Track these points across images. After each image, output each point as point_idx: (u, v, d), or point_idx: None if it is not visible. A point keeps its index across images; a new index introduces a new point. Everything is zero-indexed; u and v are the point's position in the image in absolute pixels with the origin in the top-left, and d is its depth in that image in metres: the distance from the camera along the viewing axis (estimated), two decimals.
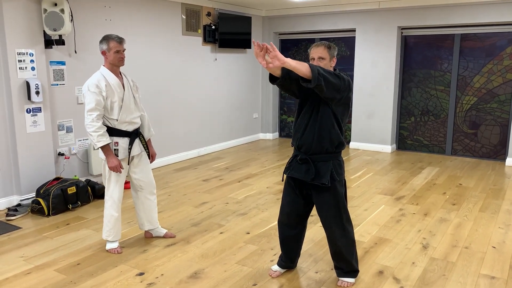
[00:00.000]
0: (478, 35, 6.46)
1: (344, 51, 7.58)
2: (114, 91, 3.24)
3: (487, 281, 3.00)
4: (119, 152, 3.30)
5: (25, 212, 4.28)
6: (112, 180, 3.34)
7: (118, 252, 3.42)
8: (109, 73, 3.26)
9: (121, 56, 3.25)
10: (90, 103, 3.15)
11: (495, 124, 6.51)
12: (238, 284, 2.95)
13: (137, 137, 3.42)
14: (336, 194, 2.74)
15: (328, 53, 2.70)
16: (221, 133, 7.35)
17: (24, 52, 4.35)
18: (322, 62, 2.69)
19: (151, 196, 3.58)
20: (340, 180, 2.76)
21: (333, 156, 2.74)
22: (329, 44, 2.74)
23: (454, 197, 4.80)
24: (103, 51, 3.24)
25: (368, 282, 2.98)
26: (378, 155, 6.94)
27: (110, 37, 3.22)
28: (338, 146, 2.73)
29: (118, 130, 3.30)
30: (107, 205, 3.40)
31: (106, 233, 3.44)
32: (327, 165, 2.71)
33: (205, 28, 6.67)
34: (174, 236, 3.71)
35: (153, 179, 3.58)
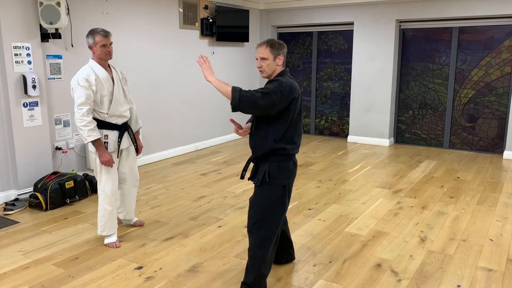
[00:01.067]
0: (476, 28, 6.45)
1: (342, 44, 7.56)
2: (103, 85, 3.23)
3: (484, 273, 3.01)
4: (109, 145, 3.30)
5: (23, 206, 4.27)
6: (104, 174, 3.33)
7: (117, 246, 3.42)
8: (98, 66, 3.23)
9: (108, 50, 3.22)
10: (80, 97, 3.12)
11: (492, 117, 6.52)
12: (236, 278, 2.95)
13: (126, 131, 3.43)
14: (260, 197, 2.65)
15: (271, 53, 2.58)
16: (219, 127, 7.33)
17: (20, 45, 4.32)
18: (264, 63, 2.59)
19: (133, 188, 3.65)
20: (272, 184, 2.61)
21: (271, 159, 2.61)
22: (273, 42, 2.59)
23: (451, 190, 4.81)
24: (90, 46, 3.22)
25: (366, 275, 2.99)
26: (376, 148, 6.94)
27: (96, 31, 3.19)
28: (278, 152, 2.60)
29: (108, 123, 3.29)
30: (100, 199, 3.39)
31: (101, 228, 3.43)
32: (264, 167, 2.63)
33: (203, 21, 6.64)
34: (142, 224, 3.83)
35: (137, 172, 3.65)
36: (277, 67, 2.64)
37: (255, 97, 2.43)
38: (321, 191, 4.80)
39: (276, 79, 2.59)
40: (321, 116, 7.97)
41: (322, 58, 7.78)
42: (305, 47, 7.92)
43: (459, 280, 2.92)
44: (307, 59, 7.93)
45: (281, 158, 2.63)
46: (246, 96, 2.43)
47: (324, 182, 5.14)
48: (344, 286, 2.84)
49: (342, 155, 6.51)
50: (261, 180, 2.62)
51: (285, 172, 2.64)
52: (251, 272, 2.67)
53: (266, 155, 2.63)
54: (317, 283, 2.88)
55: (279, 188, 2.64)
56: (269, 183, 2.61)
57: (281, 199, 2.66)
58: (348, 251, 3.35)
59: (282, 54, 2.62)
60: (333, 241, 3.53)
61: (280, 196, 2.65)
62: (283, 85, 2.51)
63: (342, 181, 5.19)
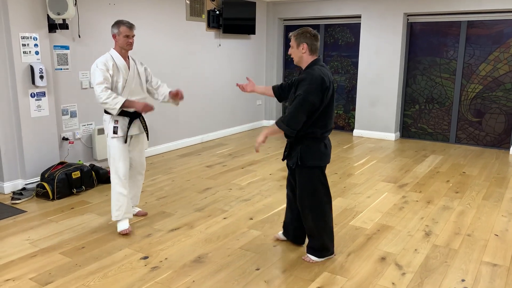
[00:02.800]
0: (485, 22, 6.39)
1: (349, 38, 7.52)
2: (119, 71, 3.38)
3: (489, 268, 3.01)
4: (118, 129, 3.41)
5: (30, 196, 4.31)
6: (116, 158, 3.43)
7: (129, 231, 3.50)
8: (117, 55, 3.40)
9: (130, 40, 3.39)
10: (98, 77, 3.27)
11: (500, 112, 6.48)
12: (241, 269, 2.97)
13: (137, 118, 3.51)
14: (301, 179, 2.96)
15: (295, 41, 2.89)
16: (225, 119, 7.34)
17: (28, 36, 4.34)
18: (291, 50, 2.93)
19: (139, 175, 3.74)
20: (306, 166, 2.90)
21: (302, 142, 2.90)
22: (297, 33, 2.90)
23: (457, 185, 4.80)
24: (113, 35, 3.38)
25: (371, 268, 3.00)
26: (381, 142, 6.93)
27: (121, 22, 3.37)
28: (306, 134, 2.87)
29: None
30: (114, 183, 3.47)
31: (116, 213, 3.49)
32: (296, 150, 2.93)
33: (209, 13, 6.62)
34: (145, 214, 3.88)
35: (144, 160, 3.74)
36: (303, 55, 2.89)
37: (295, 112, 2.76)
38: None
39: (305, 77, 2.80)
40: None
41: (329, 51, 7.75)
42: None
43: (463, 274, 2.93)
44: None
45: (311, 141, 2.89)
46: (289, 119, 2.78)
47: (329, 175, 5.14)
48: (348, 279, 2.86)
49: (347, 149, 6.50)
50: (295, 163, 2.92)
51: (316, 154, 2.91)
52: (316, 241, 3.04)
53: (299, 138, 2.90)
54: (322, 275, 2.89)
55: (315, 170, 2.93)
56: (303, 165, 2.90)
57: (318, 178, 2.96)
58: (353, 244, 3.36)
59: (305, 42, 2.85)
60: (338, 234, 3.54)
61: (318, 177, 2.95)
62: (313, 81, 2.76)
63: (347, 174, 5.18)
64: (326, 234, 3.05)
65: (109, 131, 3.41)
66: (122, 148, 3.44)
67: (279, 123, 2.83)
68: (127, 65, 3.43)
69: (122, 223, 3.52)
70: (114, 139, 3.42)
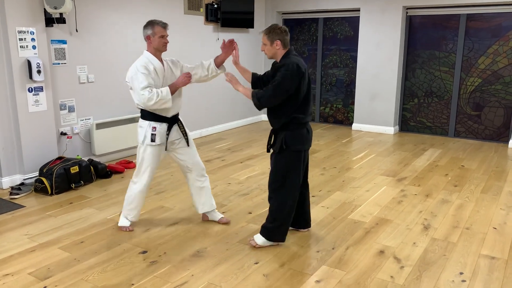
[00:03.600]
0: (484, 15, 6.36)
1: (348, 31, 7.49)
2: (158, 76, 3.22)
3: (487, 261, 3.02)
4: (156, 137, 3.24)
5: (28, 191, 4.31)
6: (144, 165, 3.30)
7: (129, 230, 3.45)
8: (153, 57, 3.23)
9: (165, 41, 3.24)
10: (143, 82, 3.09)
11: (499, 106, 6.47)
12: (240, 263, 2.98)
13: (175, 123, 3.36)
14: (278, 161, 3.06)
15: (268, 39, 3.02)
16: (224, 114, 7.33)
17: (24, 30, 4.31)
18: (265, 47, 3.05)
19: (201, 178, 3.51)
20: (289, 150, 3.01)
21: (286, 129, 3.01)
22: (269, 30, 3.03)
23: (456, 179, 4.80)
24: (147, 36, 3.22)
25: (369, 262, 3.00)
26: (380, 136, 6.92)
27: (155, 22, 3.22)
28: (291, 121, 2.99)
29: (156, 115, 3.25)
30: (134, 187, 3.38)
31: (127, 212, 3.45)
32: (280, 136, 3.03)
33: (207, 7, 6.59)
34: (228, 222, 3.61)
35: (200, 161, 3.51)
36: (277, 51, 3.03)
37: (269, 93, 2.91)
38: (325, 178, 4.81)
39: (282, 64, 2.95)
40: (326, 103, 7.94)
41: (328, 45, 7.72)
42: (311, 34, 7.85)
43: (462, 267, 2.93)
44: (312, 46, 7.87)
45: (295, 127, 3.02)
46: (262, 96, 2.94)
47: (328, 169, 5.14)
48: (346, 272, 2.86)
49: (346, 142, 6.50)
50: (279, 147, 3.01)
51: (299, 139, 3.03)
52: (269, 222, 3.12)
53: (282, 126, 3.02)
54: (320, 269, 2.90)
55: (294, 154, 3.03)
56: (286, 149, 3.00)
57: (295, 164, 3.05)
58: (351, 238, 3.36)
59: (278, 39, 3.00)
60: (336, 227, 3.54)
61: (295, 162, 3.05)
62: (289, 68, 2.90)
63: (346, 168, 5.19)
64: (289, 219, 3.14)
65: (146, 138, 3.24)
66: (155, 157, 3.30)
67: (253, 94, 2.99)
68: (163, 68, 3.27)
69: (125, 220, 3.49)
70: (149, 146, 3.26)
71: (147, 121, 3.27)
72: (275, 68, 3.04)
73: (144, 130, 3.27)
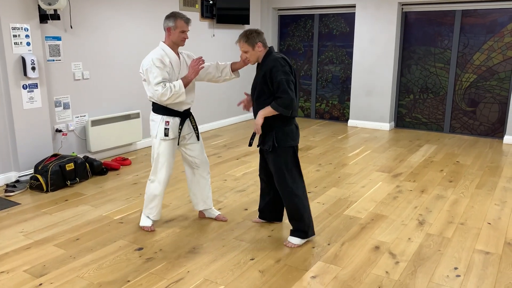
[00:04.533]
0: (479, 11, 6.37)
1: (344, 28, 7.49)
2: (174, 69, 3.17)
3: (481, 256, 3.04)
4: (169, 131, 3.21)
5: (23, 188, 4.30)
6: (160, 160, 3.26)
7: (152, 230, 3.39)
8: (170, 50, 3.17)
9: (185, 36, 3.18)
10: (157, 77, 3.05)
11: (494, 101, 6.49)
12: (236, 259, 2.98)
13: (187, 118, 3.32)
14: (276, 160, 3.07)
15: (248, 44, 3.02)
16: (219, 110, 7.32)
17: (18, 27, 4.28)
18: (247, 54, 3.06)
19: (206, 174, 3.50)
20: (282, 147, 3.04)
21: (277, 126, 3.03)
22: (247, 35, 3.01)
23: (451, 174, 4.82)
24: (168, 28, 3.15)
25: (364, 257, 3.02)
26: (376, 132, 6.94)
27: (179, 15, 3.14)
28: (282, 119, 3.02)
29: (169, 109, 3.21)
30: (151, 186, 3.34)
31: (148, 210, 3.41)
32: (271, 134, 3.04)
33: (203, 3, 6.57)
34: (225, 220, 3.60)
35: (207, 158, 3.50)
36: (260, 53, 3.06)
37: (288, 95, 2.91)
38: (320, 174, 4.82)
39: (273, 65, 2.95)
40: (322, 100, 7.94)
41: (324, 41, 7.72)
42: (306, 30, 7.85)
43: (456, 262, 2.95)
44: (308, 42, 7.87)
45: (284, 123, 3.04)
46: (284, 102, 2.93)
47: (324, 165, 5.15)
48: (342, 268, 2.87)
49: (342, 139, 6.51)
50: (271, 146, 3.03)
51: (290, 135, 3.07)
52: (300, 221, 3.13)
53: (272, 122, 3.03)
54: (316, 265, 2.91)
55: (289, 150, 3.08)
56: (279, 147, 3.03)
57: (293, 158, 3.10)
58: (347, 234, 3.37)
59: (258, 41, 3.02)
60: (332, 223, 3.55)
61: (292, 156, 3.10)
62: (281, 64, 2.96)
63: (342, 164, 5.20)
64: (306, 213, 3.16)
65: (159, 132, 3.21)
66: (170, 151, 3.27)
67: (274, 107, 2.96)
68: (179, 62, 3.22)
69: (147, 219, 3.44)
70: (163, 141, 3.23)
71: (160, 115, 3.22)
72: (264, 71, 2.99)
73: (157, 124, 3.22)
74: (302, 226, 3.16)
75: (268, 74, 2.98)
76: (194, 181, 3.50)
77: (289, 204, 3.14)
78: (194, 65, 3.15)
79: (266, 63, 3.01)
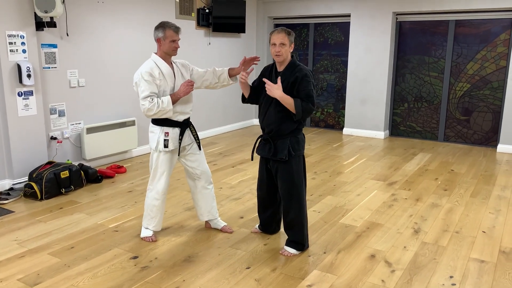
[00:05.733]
0: (473, 22, 6.45)
1: (339, 36, 7.55)
2: (166, 80, 3.14)
3: (476, 264, 3.05)
4: (169, 143, 3.17)
5: (17, 196, 4.27)
6: (159, 171, 3.25)
7: (153, 240, 3.35)
8: (161, 61, 3.15)
9: (176, 46, 3.15)
10: (145, 91, 3.04)
11: (487, 111, 6.55)
12: (231, 268, 2.97)
13: (187, 128, 3.29)
14: (291, 168, 3.06)
15: (289, 39, 2.97)
16: (216, 118, 7.33)
17: (14, 34, 4.28)
18: (283, 48, 2.96)
19: (209, 185, 3.46)
20: (297, 155, 3.07)
21: (291, 135, 3.06)
22: (289, 31, 2.99)
23: (445, 183, 4.85)
24: (158, 39, 3.13)
25: (360, 266, 3.02)
26: (371, 141, 6.97)
27: (167, 25, 3.11)
28: (297, 127, 3.06)
29: (168, 120, 3.18)
30: (150, 195, 3.32)
31: (148, 221, 3.37)
32: (285, 143, 3.05)
33: (199, 12, 6.60)
34: (231, 232, 3.52)
35: (208, 168, 3.46)
36: (288, 54, 3.03)
37: (311, 108, 2.97)
38: (316, 182, 4.83)
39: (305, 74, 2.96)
40: (317, 108, 7.97)
41: (319, 50, 7.77)
42: (302, 39, 7.90)
43: (451, 271, 2.96)
44: (303, 51, 7.92)
45: (297, 133, 3.09)
46: (306, 109, 2.95)
47: (319, 174, 5.16)
48: (338, 277, 2.87)
49: (337, 147, 6.53)
50: (287, 154, 3.02)
51: (302, 144, 3.13)
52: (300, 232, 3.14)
53: (288, 132, 3.05)
54: (312, 273, 2.91)
55: (301, 158, 3.12)
56: (294, 155, 3.05)
57: (303, 166, 3.15)
58: (343, 242, 3.37)
59: (293, 42, 3.04)
60: (327, 232, 3.56)
61: (303, 164, 3.15)
62: (312, 78, 3.00)
63: (337, 173, 5.21)
64: (306, 225, 3.19)
65: (159, 144, 3.18)
66: (169, 163, 3.25)
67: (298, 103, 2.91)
68: (172, 72, 3.19)
69: (147, 230, 3.40)
70: (162, 153, 3.21)
71: (159, 126, 3.19)
72: (295, 78, 2.95)
73: (157, 135, 3.20)
74: (301, 238, 3.15)
75: (298, 81, 2.95)
76: (196, 192, 3.47)
77: (294, 216, 3.11)
78: (185, 86, 3.14)
79: (296, 70, 2.98)
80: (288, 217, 3.15)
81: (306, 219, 3.18)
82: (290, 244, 3.18)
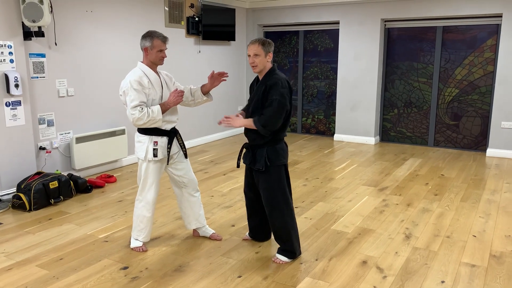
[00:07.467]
0: (460, 28, 6.53)
1: (328, 44, 7.60)
2: (155, 89, 3.14)
3: (467, 269, 3.06)
4: (158, 152, 3.16)
5: (5, 207, 4.21)
6: (148, 181, 3.23)
7: (144, 250, 3.32)
8: (149, 69, 3.14)
9: (163, 55, 3.14)
10: (134, 100, 3.02)
11: (476, 115, 6.62)
12: (223, 276, 2.95)
13: (175, 136, 3.28)
14: (270, 178, 3.05)
15: (263, 50, 2.97)
16: (206, 126, 7.31)
17: (2, 44, 4.25)
18: (257, 59, 2.98)
19: (195, 193, 3.44)
20: (275, 165, 3.05)
21: (268, 145, 3.04)
22: (264, 41, 2.99)
23: (436, 188, 4.87)
24: (145, 48, 3.11)
25: (352, 272, 3.01)
26: (361, 147, 7.00)
27: (155, 34, 3.09)
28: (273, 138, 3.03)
29: (156, 129, 3.16)
30: (139, 206, 3.29)
31: (137, 233, 3.33)
32: (262, 153, 3.04)
33: (189, 20, 6.61)
34: (220, 239, 3.51)
35: (194, 176, 3.44)
36: (267, 64, 3.04)
37: (272, 115, 2.92)
38: (307, 189, 4.82)
39: (274, 82, 2.95)
40: (308, 114, 8.00)
41: (309, 57, 7.81)
42: (292, 46, 7.93)
43: (443, 276, 2.96)
44: (293, 58, 7.95)
45: (276, 142, 3.06)
46: (266, 120, 2.93)
47: (311, 180, 5.16)
48: (330, 283, 2.86)
49: (328, 153, 6.54)
50: (264, 165, 3.02)
51: (281, 153, 3.08)
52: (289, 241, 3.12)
53: (261, 142, 3.05)
54: (304, 281, 2.89)
55: (281, 168, 3.08)
56: (271, 165, 3.03)
57: (283, 176, 3.10)
58: (334, 249, 3.37)
59: (271, 51, 3.03)
60: (319, 238, 3.55)
61: (283, 174, 3.10)
62: (284, 85, 2.96)
63: (328, 179, 5.21)
64: (294, 233, 3.16)
65: (148, 153, 3.15)
66: (158, 172, 3.23)
67: (255, 121, 2.98)
68: (160, 80, 3.19)
69: (137, 241, 3.36)
70: (151, 162, 3.19)
71: (147, 135, 3.17)
72: (266, 86, 2.97)
73: (145, 145, 3.17)
74: (290, 247, 3.15)
75: (268, 89, 2.97)
76: (183, 200, 3.44)
77: (279, 225, 3.11)
78: (175, 96, 3.14)
79: (270, 78, 2.99)
80: (274, 226, 3.15)
81: (294, 227, 3.14)
82: (281, 252, 3.17)
